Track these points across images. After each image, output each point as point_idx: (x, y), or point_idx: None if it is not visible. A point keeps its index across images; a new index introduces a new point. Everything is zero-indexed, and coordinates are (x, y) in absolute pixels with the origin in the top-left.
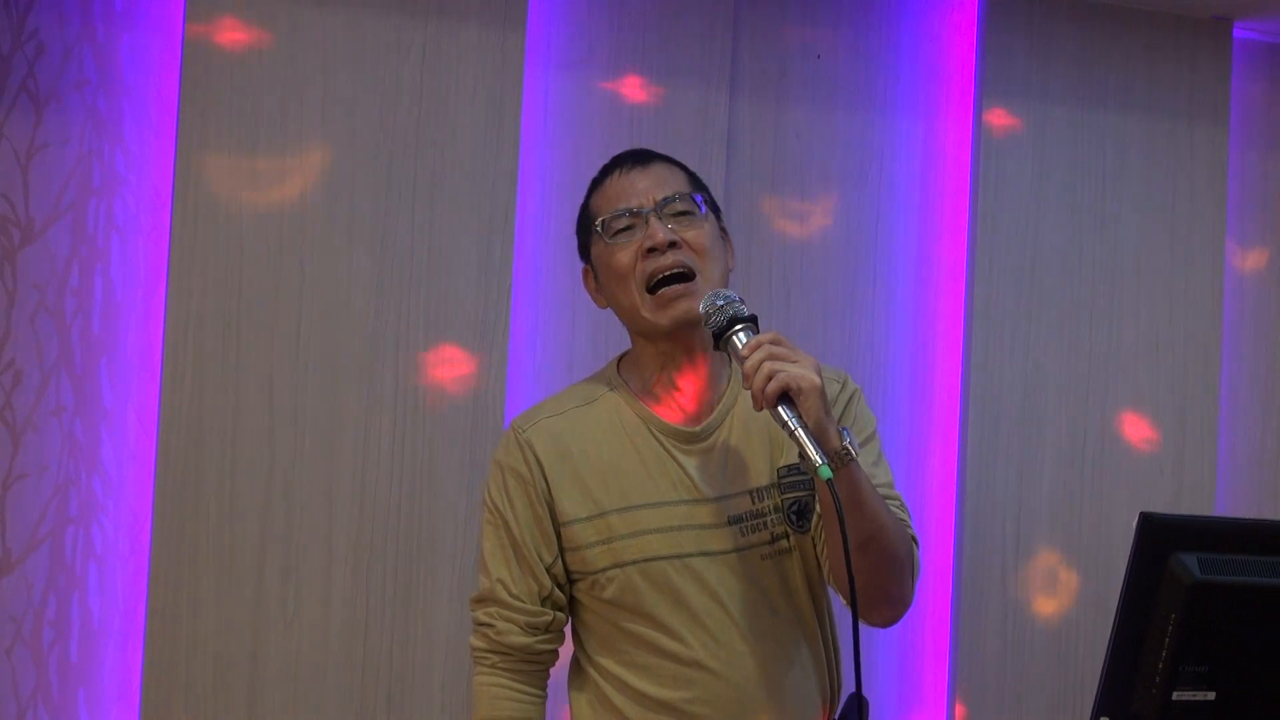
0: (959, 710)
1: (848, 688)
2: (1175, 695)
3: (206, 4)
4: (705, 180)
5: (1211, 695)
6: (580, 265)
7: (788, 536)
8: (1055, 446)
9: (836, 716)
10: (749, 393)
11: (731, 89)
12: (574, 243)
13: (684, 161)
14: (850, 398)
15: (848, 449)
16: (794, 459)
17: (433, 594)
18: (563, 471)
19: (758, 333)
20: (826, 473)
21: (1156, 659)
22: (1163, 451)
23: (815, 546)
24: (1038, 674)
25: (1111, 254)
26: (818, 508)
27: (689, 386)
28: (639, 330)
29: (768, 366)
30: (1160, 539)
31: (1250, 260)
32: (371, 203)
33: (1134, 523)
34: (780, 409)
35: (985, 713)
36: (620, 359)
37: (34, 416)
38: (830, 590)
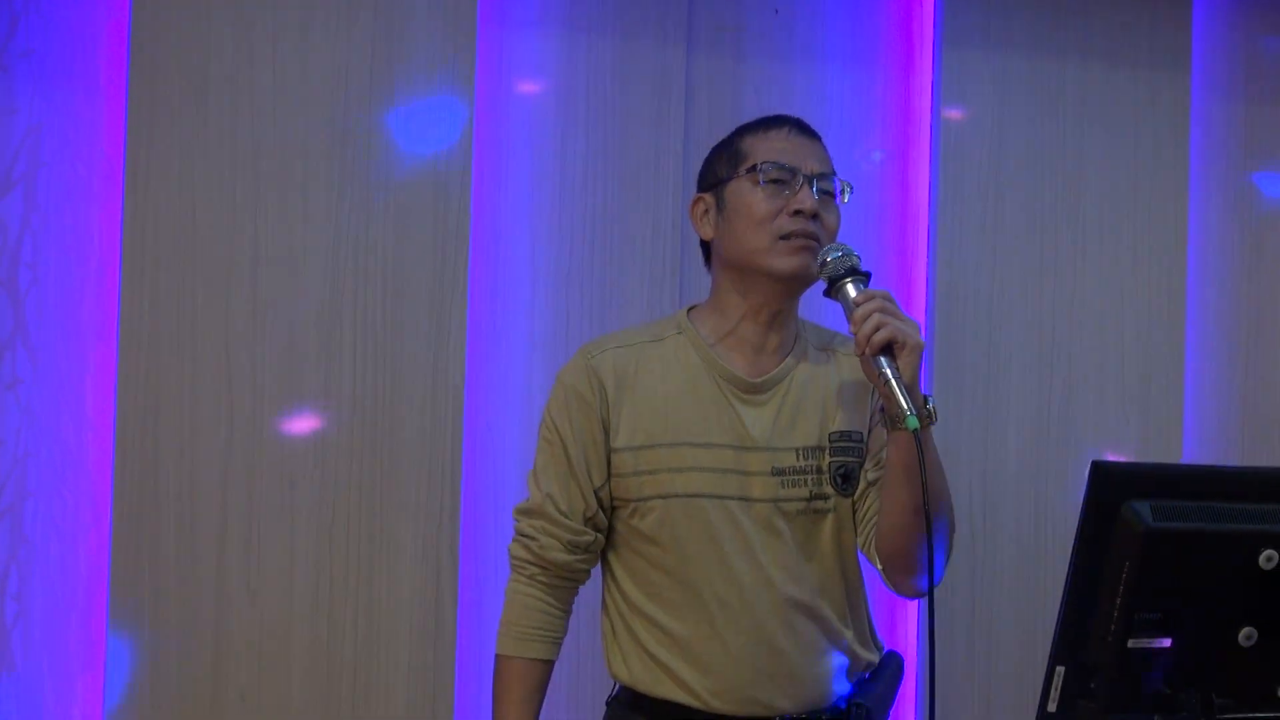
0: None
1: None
2: (1130, 643)
3: None
4: (664, 132)
5: (1166, 642)
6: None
7: (827, 498)
8: (1021, 391)
9: (872, 674)
10: (809, 361)
11: (689, 44)
12: (530, 202)
13: (644, 115)
14: None
15: (932, 410)
16: (847, 425)
17: (396, 558)
18: (622, 399)
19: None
20: (914, 423)
21: (1111, 607)
22: (1127, 400)
23: (855, 513)
24: (1004, 617)
25: (1074, 203)
26: (865, 475)
27: (761, 341)
28: (748, 268)
29: (878, 317)
30: (1112, 487)
31: (1213, 205)
32: (325, 166)
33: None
34: (880, 358)
35: (955, 662)
36: (689, 309)
37: None
38: (861, 559)
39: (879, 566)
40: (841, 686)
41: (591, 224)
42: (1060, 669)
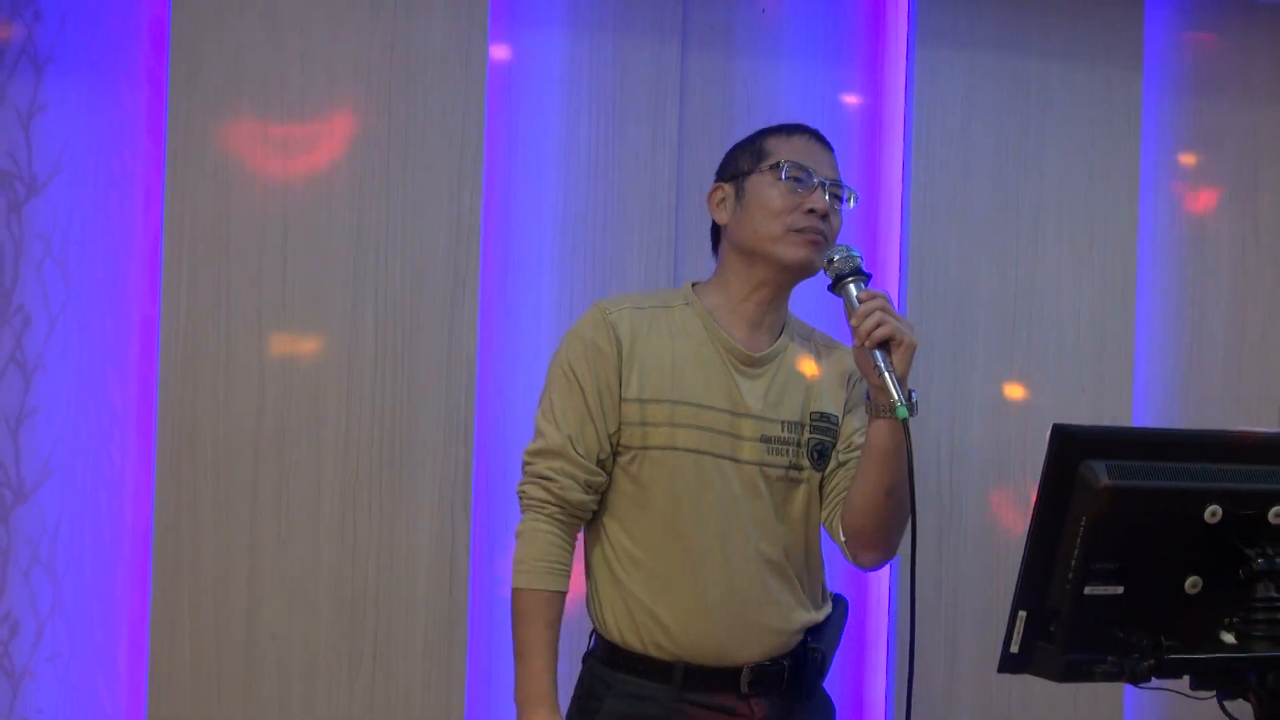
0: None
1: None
2: (1087, 590)
3: None
4: (661, 123)
5: (1120, 589)
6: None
7: (802, 469)
8: (985, 362)
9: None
10: (796, 345)
11: (684, 41)
12: (537, 187)
13: (640, 106)
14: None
15: (916, 403)
16: (827, 408)
17: (415, 509)
18: (635, 354)
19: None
20: (904, 412)
21: (1069, 557)
22: (1082, 370)
23: (822, 488)
24: (970, 574)
25: (1036, 189)
26: (836, 455)
27: (759, 320)
28: (758, 254)
29: (880, 314)
30: (1071, 448)
31: (1162, 191)
32: (349, 154)
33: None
34: (877, 352)
35: (924, 609)
36: (693, 285)
37: (44, 357)
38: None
39: (841, 540)
40: (797, 637)
41: (593, 206)
42: (1022, 614)
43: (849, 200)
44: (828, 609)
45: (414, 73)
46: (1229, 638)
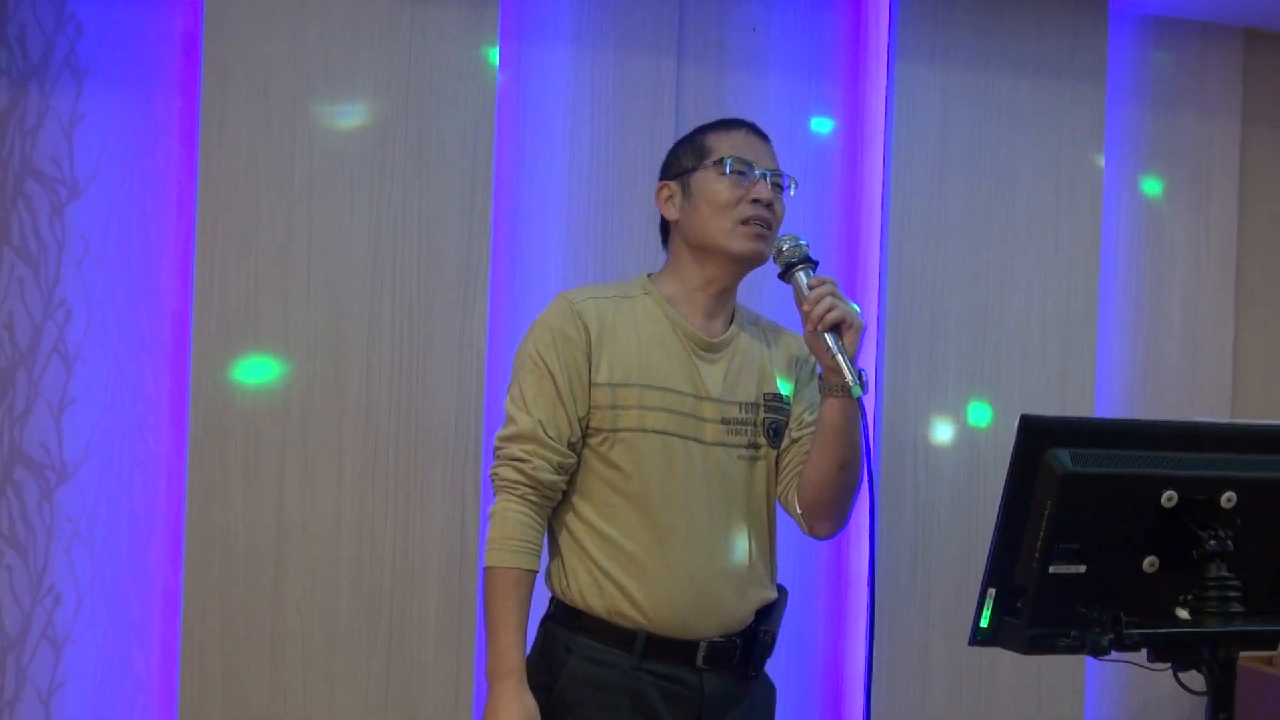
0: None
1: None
2: (1051, 569)
3: None
4: (658, 132)
5: (1082, 568)
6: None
7: (759, 447)
8: (959, 355)
9: (771, 603)
10: (747, 332)
11: (680, 57)
12: (543, 191)
13: (639, 117)
14: (811, 360)
15: (866, 381)
16: (778, 388)
17: (428, 492)
18: (603, 341)
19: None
20: (858, 391)
21: (1035, 538)
22: (1048, 364)
23: (777, 464)
24: (943, 548)
25: (1006, 197)
26: (789, 433)
27: (713, 308)
28: (710, 248)
29: (830, 300)
30: (1037, 437)
31: (1123, 198)
32: (368, 158)
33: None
34: (828, 335)
35: (900, 587)
36: (649, 276)
37: (83, 349)
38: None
39: (797, 512)
40: (751, 615)
41: (594, 209)
42: (992, 591)
43: (790, 188)
44: (775, 591)
45: (430, 85)
46: (1183, 614)
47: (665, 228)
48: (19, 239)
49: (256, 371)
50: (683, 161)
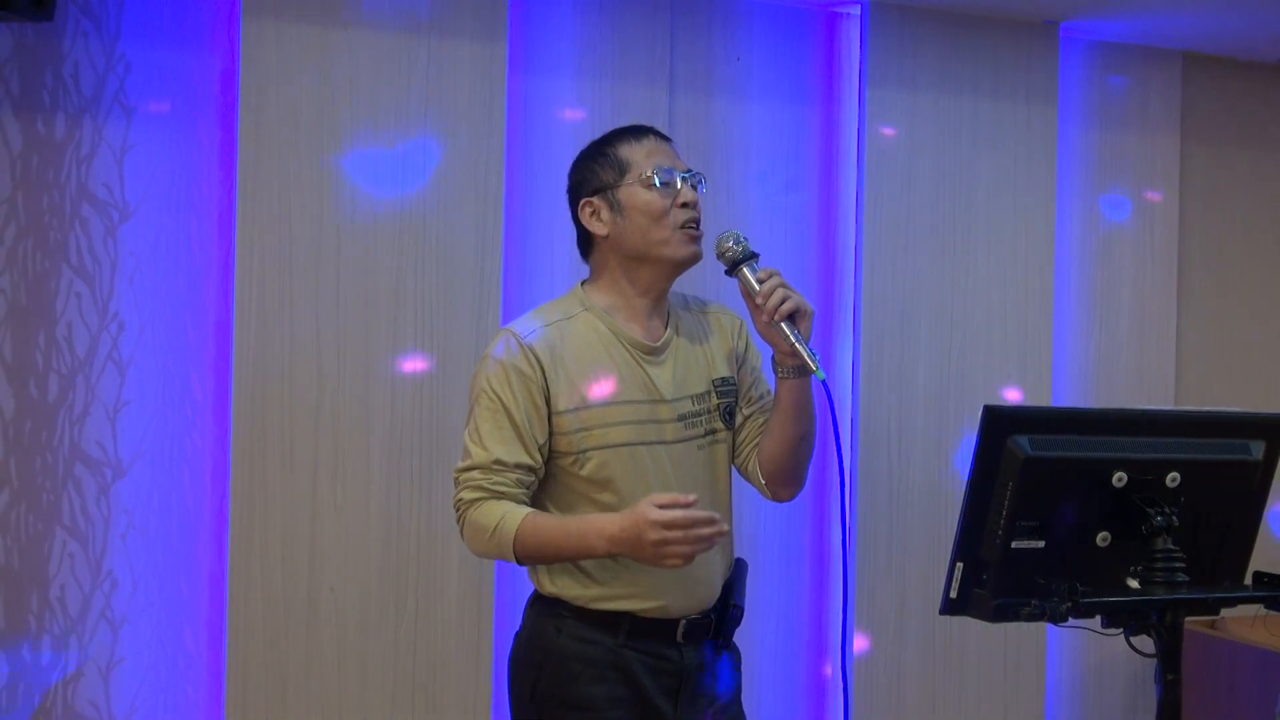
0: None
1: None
2: (1014, 544)
3: (257, 34)
4: None
5: (1041, 544)
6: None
7: (717, 431)
8: (927, 351)
9: (733, 576)
10: (684, 323)
11: (671, 85)
12: (548, 208)
13: None
14: (745, 333)
15: (818, 361)
16: (725, 372)
17: (448, 484)
18: (557, 371)
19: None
20: (822, 373)
21: (999, 517)
22: (1008, 359)
23: (735, 438)
24: (918, 525)
25: (968, 208)
26: (741, 410)
27: (651, 312)
28: (650, 257)
29: (782, 291)
30: (1000, 425)
31: (1074, 209)
32: (391, 179)
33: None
34: (784, 324)
35: (877, 563)
36: (582, 285)
37: (135, 356)
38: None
39: (760, 482)
40: (718, 590)
41: None
42: (960, 565)
43: (703, 184)
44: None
45: (445, 113)
46: (1134, 583)
47: (586, 242)
48: (76, 258)
49: (291, 376)
50: (602, 177)
